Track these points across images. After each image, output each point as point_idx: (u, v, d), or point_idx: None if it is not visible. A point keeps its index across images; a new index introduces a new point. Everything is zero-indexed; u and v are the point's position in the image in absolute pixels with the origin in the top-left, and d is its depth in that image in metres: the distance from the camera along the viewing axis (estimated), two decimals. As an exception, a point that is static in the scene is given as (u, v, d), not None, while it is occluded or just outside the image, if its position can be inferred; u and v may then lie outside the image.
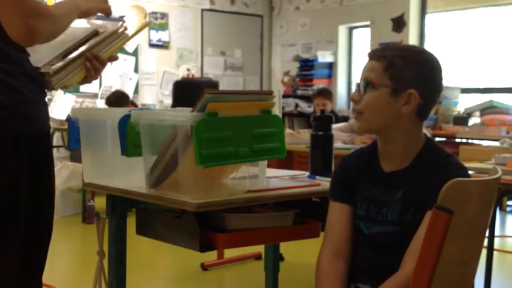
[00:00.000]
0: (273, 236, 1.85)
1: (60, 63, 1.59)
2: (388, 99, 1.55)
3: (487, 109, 6.01)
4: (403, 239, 1.51)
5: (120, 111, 1.84)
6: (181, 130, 1.59)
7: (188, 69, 7.95)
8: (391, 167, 1.61)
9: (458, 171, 1.51)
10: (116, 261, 1.96)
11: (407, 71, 1.54)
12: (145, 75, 7.60)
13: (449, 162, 1.55)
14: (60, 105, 6.89)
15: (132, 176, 1.84)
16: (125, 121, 1.80)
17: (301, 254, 4.07)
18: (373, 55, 1.60)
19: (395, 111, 1.55)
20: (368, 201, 1.62)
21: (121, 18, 1.80)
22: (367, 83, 1.56)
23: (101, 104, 7.07)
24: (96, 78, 1.71)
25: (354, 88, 1.69)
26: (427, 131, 2.30)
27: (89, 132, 1.97)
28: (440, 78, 1.60)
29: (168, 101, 7.63)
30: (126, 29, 1.76)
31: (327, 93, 5.59)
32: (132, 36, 1.82)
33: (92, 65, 1.66)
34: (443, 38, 7.05)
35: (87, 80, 1.70)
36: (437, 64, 1.59)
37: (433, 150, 1.60)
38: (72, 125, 4.86)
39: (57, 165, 5.83)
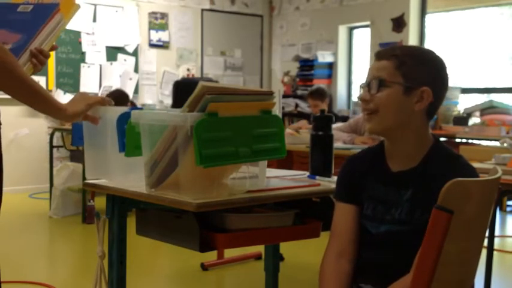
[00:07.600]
0: (273, 236, 1.85)
1: None
2: (401, 97, 1.54)
3: (487, 109, 6.00)
4: (410, 238, 1.50)
5: (120, 110, 1.85)
6: (181, 130, 1.58)
7: (188, 69, 7.95)
8: (399, 166, 1.60)
9: (469, 172, 1.50)
10: (116, 261, 1.96)
11: (419, 69, 1.54)
12: (145, 75, 7.59)
13: (460, 164, 1.55)
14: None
15: (132, 174, 1.85)
16: (123, 119, 1.81)
17: (301, 254, 4.07)
18: (382, 55, 1.58)
19: (409, 110, 1.55)
20: (375, 201, 1.61)
21: (57, 6, 1.82)
22: (380, 81, 1.55)
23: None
24: (41, 69, 1.81)
25: (358, 90, 1.68)
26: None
27: (92, 129, 1.98)
28: (448, 78, 1.61)
29: (168, 101, 7.62)
30: (63, 17, 1.82)
31: (318, 94, 5.50)
32: (67, 23, 1.86)
33: (38, 60, 1.76)
34: (443, 38, 7.04)
35: (33, 73, 1.78)
36: (444, 63, 1.61)
37: (443, 150, 1.59)
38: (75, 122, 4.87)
39: (57, 165, 5.84)
